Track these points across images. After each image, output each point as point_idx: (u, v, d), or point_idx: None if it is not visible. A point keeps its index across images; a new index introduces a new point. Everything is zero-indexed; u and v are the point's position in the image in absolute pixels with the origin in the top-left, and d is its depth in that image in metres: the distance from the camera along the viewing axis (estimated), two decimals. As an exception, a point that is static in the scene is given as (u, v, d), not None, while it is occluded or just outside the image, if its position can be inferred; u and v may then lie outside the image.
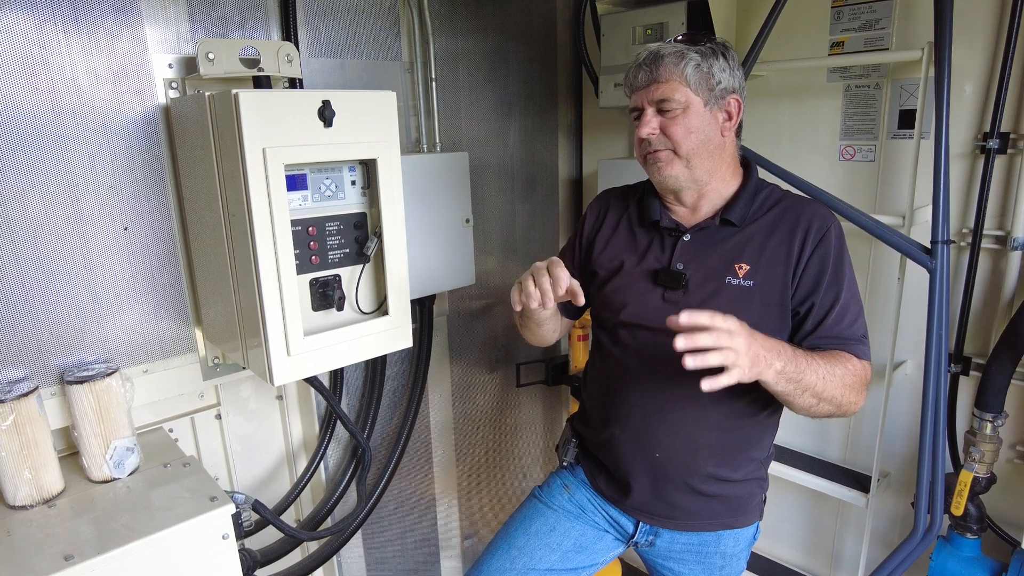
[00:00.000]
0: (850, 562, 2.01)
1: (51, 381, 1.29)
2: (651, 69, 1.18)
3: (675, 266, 1.25)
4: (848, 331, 1.19)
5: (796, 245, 1.19)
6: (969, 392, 1.68)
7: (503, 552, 1.41)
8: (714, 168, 1.22)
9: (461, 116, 1.96)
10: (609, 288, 1.32)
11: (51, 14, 1.21)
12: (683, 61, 1.16)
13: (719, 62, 1.18)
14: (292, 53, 1.41)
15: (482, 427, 2.28)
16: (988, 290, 1.64)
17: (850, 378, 1.15)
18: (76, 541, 1.08)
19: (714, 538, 1.34)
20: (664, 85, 1.17)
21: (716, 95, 1.18)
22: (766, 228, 1.22)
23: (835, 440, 1.98)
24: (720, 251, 1.23)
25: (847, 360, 1.16)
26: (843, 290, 1.18)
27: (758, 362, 1.02)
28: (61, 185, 1.26)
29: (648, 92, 1.19)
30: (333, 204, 1.29)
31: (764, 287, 1.19)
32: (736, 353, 0.98)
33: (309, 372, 1.29)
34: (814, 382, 1.10)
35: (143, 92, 1.33)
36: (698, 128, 1.18)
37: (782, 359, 1.06)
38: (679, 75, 1.16)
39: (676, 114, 1.17)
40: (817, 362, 1.11)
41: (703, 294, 1.22)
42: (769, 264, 1.19)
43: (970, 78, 1.57)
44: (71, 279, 1.30)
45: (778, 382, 1.07)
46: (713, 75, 1.17)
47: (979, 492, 1.59)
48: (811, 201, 1.26)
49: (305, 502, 1.82)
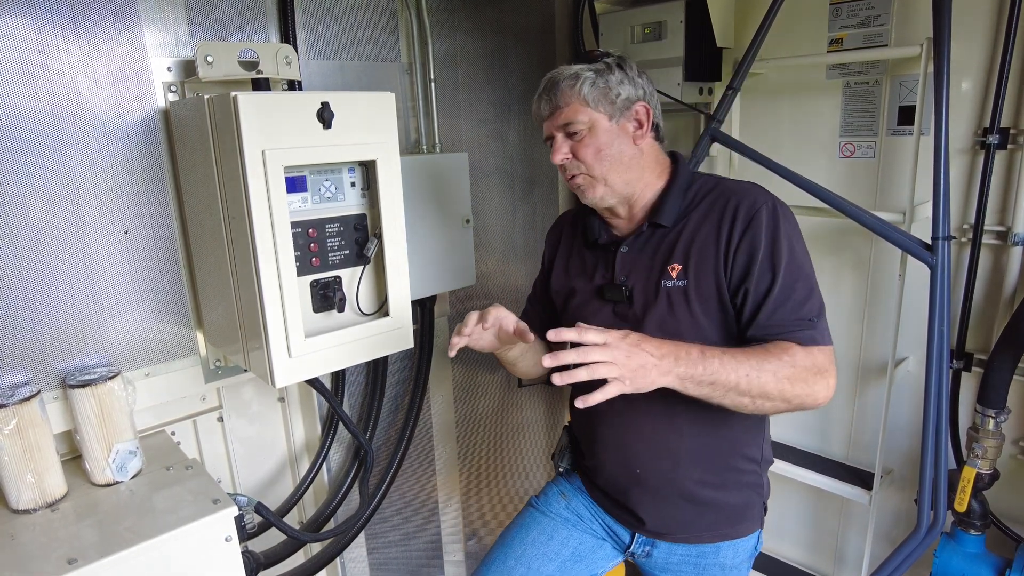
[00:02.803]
0: (854, 559, 2.01)
1: (53, 385, 1.29)
2: (550, 97, 1.19)
3: (618, 279, 1.25)
4: (790, 315, 1.11)
5: (724, 233, 1.15)
6: (971, 388, 1.68)
7: (500, 562, 1.39)
8: (635, 178, 1.22)
9: (460, 116, 1.96)
10: (568, 312, 1.34)
11: (50, 18, 1.21)
12: (578, 82, 1.16)
13: (615, 75, 1.17)
14: (291, 55, 1.41)
15: (484, 428, 2.28)
16: (989, 286, 1.64)
17: (787, 370, 1.06)
18: (79, 545, 1.08)
19: (712, 550, 1.32)
20: (566, 109, 1.18)
21: (619, 107, 1.18)
22: (696, 222, 1.19)
23: (838, 437, 1.98)
24: (655, 255, 1.22)
25: (785, 351, 1.08)
26: (780, 272, 1.11)
27: (646, 371, 0.98)
28: (61, 189, 1.26)
29: (553, 120, 1.20)
30: (333, 206, 1.29)
31: (698, 284, 1.16)
32: (612, 366, 0.95)
33: (311, 374, 1.29)
34: (735, 381, 1.03)
35: (142, 96, 1.33)
36: (607, 144, 1.18)
37: (683, 364, 1.01)
38: (577, 97, 1.17)
39: (583, 135, 1.18)
40: (739, 359, 1.04)
41: (644, 301, 1.21)
42: (699, 259, 1.16)
43: (969, 74, 1.57)
44: (72, 283, 1.30)
45: (686, 387, 1.03)
46: (611, 88, 1.17)
47: (982, 488, 1.59)
48: (745, 185, 1.20)
49: (308, 504, 1.82)
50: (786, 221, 1.15)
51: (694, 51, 1.80)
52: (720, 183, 1.23)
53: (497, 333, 1.22)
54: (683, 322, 1.17)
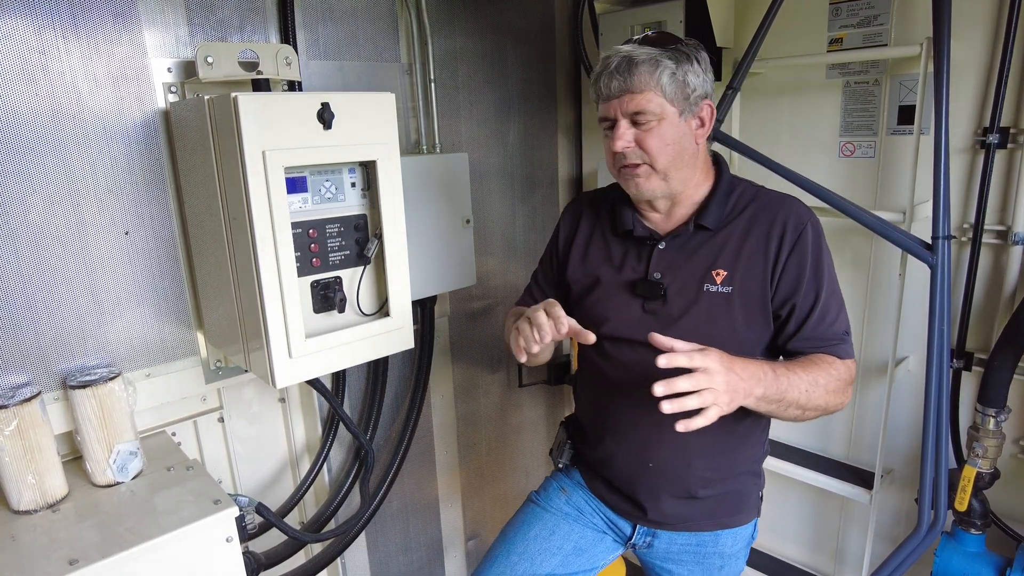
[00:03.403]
0: (854, 559, 2.01)
1: (54, 386, 1.29)
2: (624, 77, 1.10)
3: (652, 276, 1.22)
4: (830, 330, 1.17)
5: (773, 247, 1.16)
6: (972, 388, 1.67)
7: (503, 559, 1.39)
8: (689, 176, 1.20)
9: (460, 117, 1.96)
10: (589, 302, 1.30)
11: (50, 19, 1.21)
12: (658, 69, 1.09)
13: (693, 67, 1.12)
14: (291, 56, 1.41)
15: (485, 427, 2.28)
16: (989, 285, 1.64)
17: (834, 383, 1.13)
18: (80, 545, 1.08)
19: (712, 538, 1.33)
20: (639, 96, 1.10)
21: (691, 103, 1.13)
22: (741, 230, 1.19)
23: (838, 437, 1.98)
24: (696, 257, 1.21)
25: (830, 365, 1.14)
26: (823, 288, 1.16)
27: (737, 395, 1.00)
28: (62, 190, 1.26)
29: (621, 103, 1.12)
30: (333, 206, 1.29)
31: (743, 292, 1.17)
32: (715, 392, 0.96)
33: (311, 374, 1.29)
34: (797, 397, 1.08)
35: (142, 96, 1.34)
36: (674, 140, 1.13)
37: (762, 385, 1.04)
38: (654, 84, 1.09)
39: (651, 126, 1.12)
40: (799, 375, 1.09)
41: (682, 303, 1.20)
42: (746, 268, 1.17)
43: (969, 73, 1.57)
44: (73, 284, 1.30)
45: (759, 406, 1.06)
46: (688, 83, 1.12)
47: (983, 487, 1.59)
48: (786, 198, 1.22)
49: (308, 504, 1.82)
50: (824, 240, 1.19)
51: (694, 51, 1.80)
52: (760, 192, 1.24)
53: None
54: (722, 327, 1.17)
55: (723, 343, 1.12)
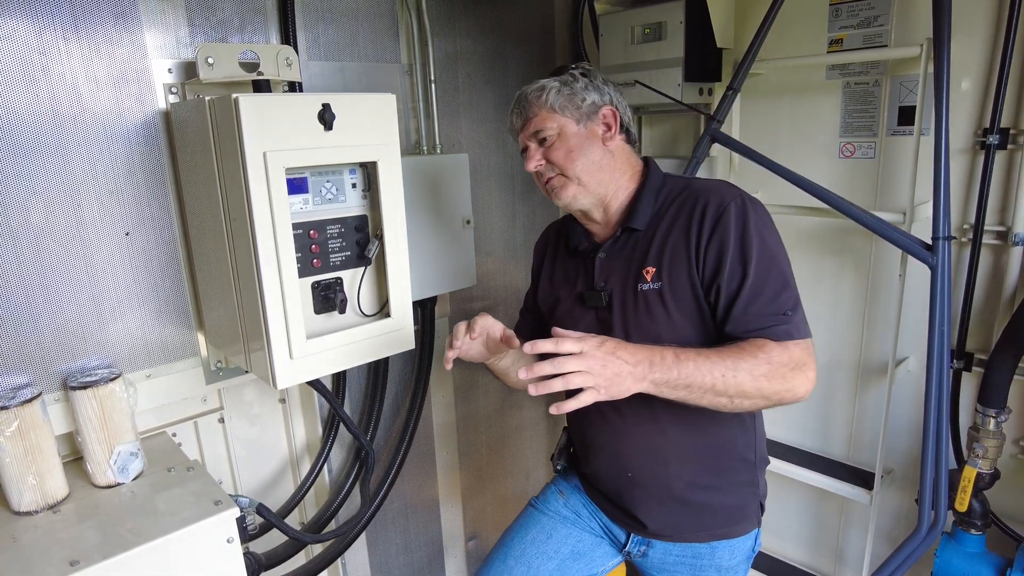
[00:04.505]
0: (854, 559, 2.01)
1: (55, 387, 1.29)
2: (521, 110, 1.25)
3: (597, 285, 1.26)
4: (764, 311, 1.11)
5: (694, 233, 1.15)
6: (972, 388, 1.68)
7: (500, 562, 1.40)
8: (607, 179, 1.24)
9: (461, 117, 1.96)
10: (554, 320, 1.35)
11: (50, 21, 1.21)
12: (544, 93, 1.21)
13: (580, 83, 1.22)
14: (291, 56, 1.41)
15: (485, 428, 2.28)
16: (990, 286, 1.64)
17: (764, 367, 1.06)
18: (81, 546, 1.08)
19: (708, 549, 1.31)
20: (535, 119, 1.22)
21: (586, 112, 1.22)
22: (667, 224, 1.20)
23: (838, 437, 1.98)
24: (629, 260, 1.23)
25: (759, 348, 1.07)
26: (752, 267, 1.11)
27: (621, 379, 0.99)
28: (63, 192, 1.26)
29: (525, 131, 1.25)
30: (334, 207, 1.29)
31: (672, 285, 1.17)
32: (587, 375, 0.96)
33: (312, 375, 1.29)
34: (711, 382, 1.04)
35: (143, 97, 1.33)
36: (577, 146, 1.21)
37: (658, 369, 1.02)
38: (544, 106, 1.21)
39: (553, 140, 1.21)
40: (712, 360, 1.04)
41: (622, 306, 1.22)
42: (672, 260, 1.17)
43: (969, 74, 1.57)
44: (74, 285, 1.30)
45: (661, 391, 1.04)
46: (576, 94, 1.21)
47: (983, 488, 1.59)
48: (713, 183, 1.22)
49: (309, 505, 1.82)
50: (756, 215, 1.14)
51: (694, 52, 1.80)
52: (690, 184, 1.24)
53: (485, 342, 1.25)
54: (661, 324, 1.18)
55: (665, 339, 1.14)
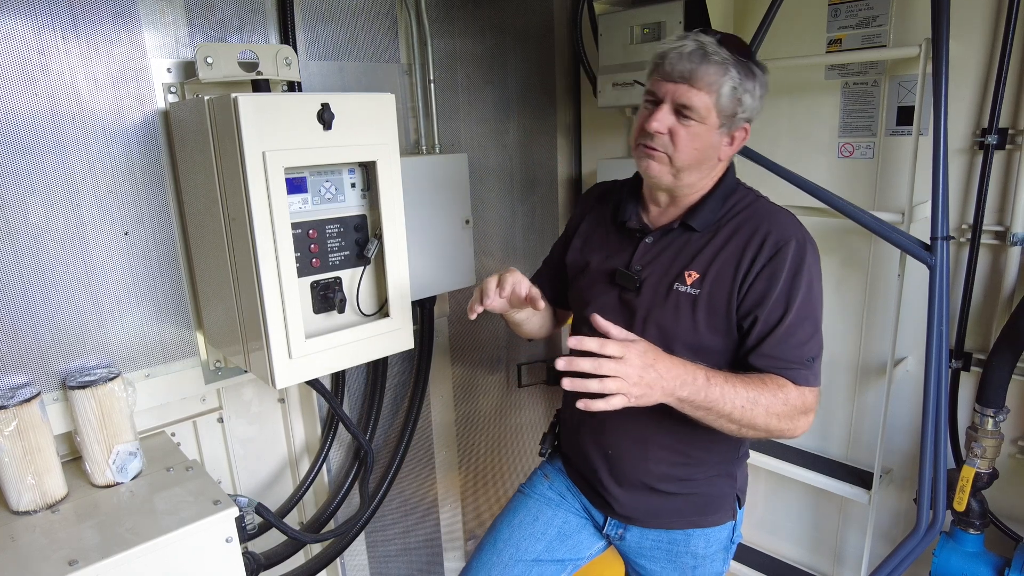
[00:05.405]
0: (853, 559, 2.01)
1: (53, 386, 1.29)
2: (693, 66, 1.08)
3: (633, 268, 1.23)
4: (792, 352, 1.12)
5: (748, 256, 1.14)
6: (970, 388, 1.68)
7: (490, 547, 1.41)
8: (697, 178, 1.19)
9: (460, 117, 1.97)
10: (577, 285, 1.34)
11: (50, 20, 1.21)
12: (724, 76, 1.08)
13: (753, 89, 1.12)
14: (290, 56, 1.41)
15: (484, 428, 2.28)
16: (988, 285, 1.64)
17: (779, 407, 1.09)
18: (80, 546, 1.08)
19: (683, 537, 1.32)
20: (695, 91, 1.09)
21: (735, 121, 1.14)
22: (725, 236, 1.18)
23: (837, 437, 1.98)
24: (676, 256, 1.21)
25: (780, 387, 1.10)
26: (793, 309, 1.11)
27: (652, 391, 0.99)
28: (61, 191, 1.26)
29: (677, 89, 1.10)
30: (333, 207, 1.29)
31: (711, 296, 1.16)
32: (622, 382, 0.96)
33: (311, 375, 1.29)
34: (730, 411, 1.06)
35: (142, 97, 1.33)
36: (702, 146, 1.13)
37: (688, 388, 1.02)
38: (714, 87, 1.08)
39: (690, 124, 1.11)
40: (738, 390, 1.06)
41: (651, 297, 1.20)
42: (718, 273, 1.16)
43: (968, 74, 1.57)
44: (72, 284, 1.30)
45: (683, 407, 1.05)
46: (742, 101, 1.12)
47: (981, 487, 1.59)
48: (779, 211, 1.19)
49: (308, 505, 1.82)
50: (811, 260, 1.14)
51: (693, 51, 1.80)
52: (757, 201, 1.21)
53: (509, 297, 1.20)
54: (683, 328, 1.17)
55: (685, 343, 1.14)
